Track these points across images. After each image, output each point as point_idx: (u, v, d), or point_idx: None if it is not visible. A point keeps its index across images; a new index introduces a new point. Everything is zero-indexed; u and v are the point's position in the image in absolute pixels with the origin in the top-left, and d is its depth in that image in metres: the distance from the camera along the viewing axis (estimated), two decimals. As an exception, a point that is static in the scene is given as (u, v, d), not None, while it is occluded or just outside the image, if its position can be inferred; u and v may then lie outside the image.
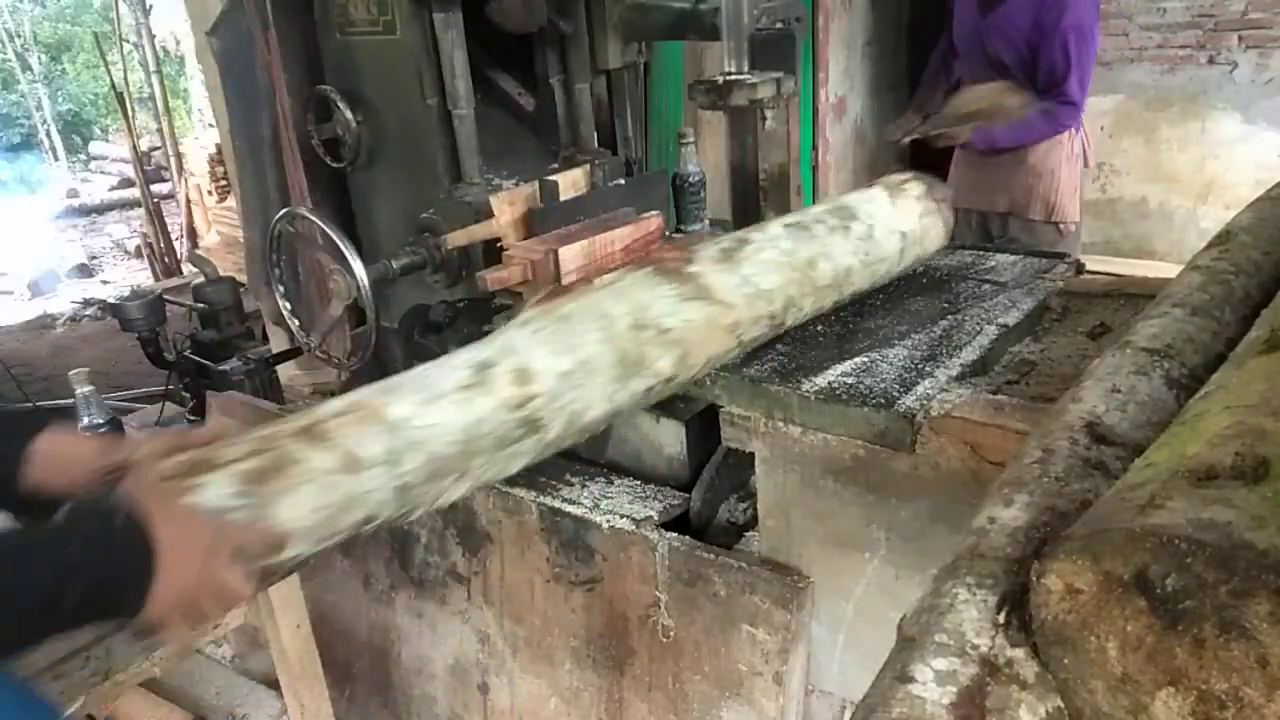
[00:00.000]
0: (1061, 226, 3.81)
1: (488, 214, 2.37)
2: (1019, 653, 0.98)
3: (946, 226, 2.36)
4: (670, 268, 1.88)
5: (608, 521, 2.21)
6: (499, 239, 2.40)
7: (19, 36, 18.57)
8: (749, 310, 1.91)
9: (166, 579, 1.14)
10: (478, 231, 2.36)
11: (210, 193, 9.43)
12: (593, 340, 1.70)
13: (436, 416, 1.50)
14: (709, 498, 2.30)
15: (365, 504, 1.42)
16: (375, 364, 2.64)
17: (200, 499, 1.24)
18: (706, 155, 2.71)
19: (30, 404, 4.32)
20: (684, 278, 1.86)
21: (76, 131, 18.81)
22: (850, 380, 1.95)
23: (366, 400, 1.50)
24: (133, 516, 1.13)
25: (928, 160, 3.93)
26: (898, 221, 2.23)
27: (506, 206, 2.41)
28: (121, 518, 1.12)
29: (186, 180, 9.72)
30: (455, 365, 1.60)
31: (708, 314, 1.84)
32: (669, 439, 2.32)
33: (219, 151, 8.84)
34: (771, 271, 1.97)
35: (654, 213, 2.49)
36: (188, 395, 3.09)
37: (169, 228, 9.77)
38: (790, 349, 2.13)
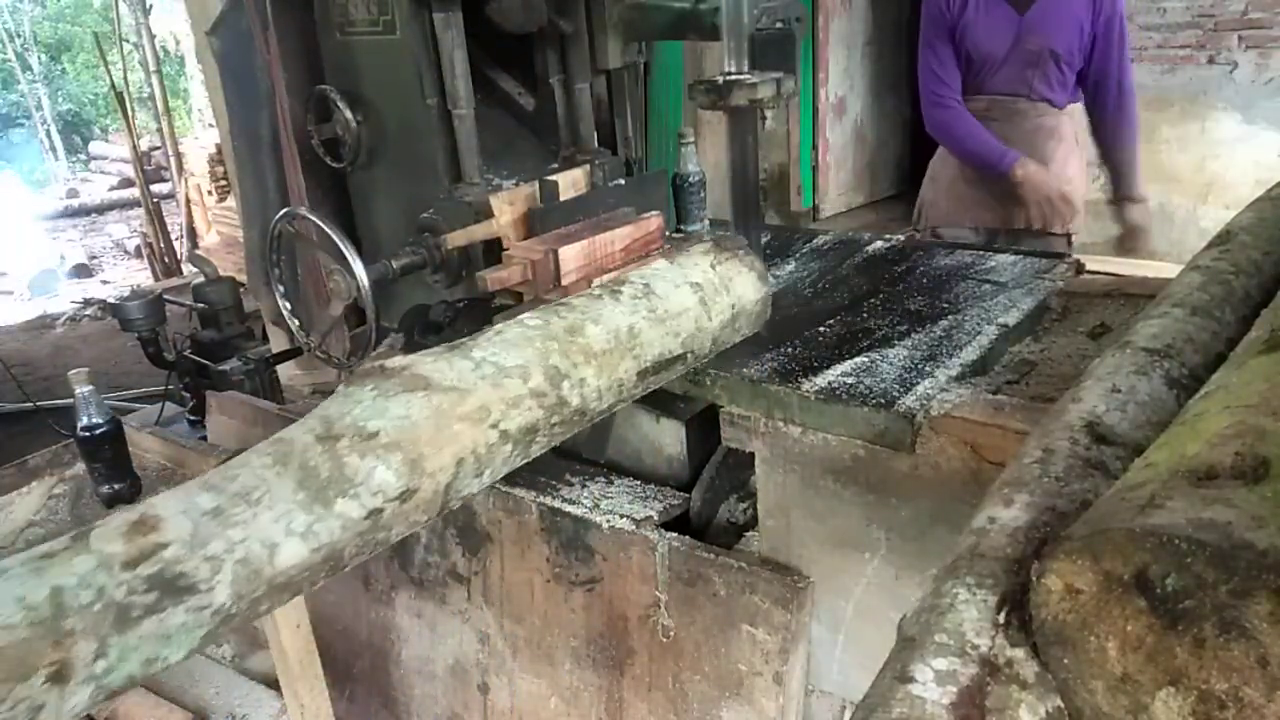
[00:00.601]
0: (1072, 237, 3.79)
1: (487, 214, 2.37)
2: (1019, 653, 0.98)
3: (754, 270, 2.08)
4: (361, 372, 1.54)
5: (608, 521, 2.21)
6: (499, 239, 2.40)
7: (19, 36, 18.62)
8: (496, 392, 1.54)
9: None
10: (477, 232, 2.36)
11: (210, 192, 9.45)
12: (258, 466, 1.33)
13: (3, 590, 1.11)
14: (709, 498, 2.31)
15: None
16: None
17: None
18: (706, 155, 2.71)
19: (31, 404, 4.32)
20: (387, 373, 1.51)
21: (76, 131, 18.86)
22: (850, 380, 1.96)
23: None
24: None
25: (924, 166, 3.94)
26: (683, 275, 1.96)
27: (506, 206, 2.41)
28: None
29: (186, 180, 9.74)
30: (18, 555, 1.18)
31: (433, 405, 1.46)
32: (669, 439, 2.32)
33: (219, 151, 8.86)
34: (515, 347, 1.63)
35: (654, 213, 2.49)
36: (188, 395, 3.10)
37: (169, 227, 9.79)
38: (790, 349, 2.13)
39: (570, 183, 2.56)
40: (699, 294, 1.93)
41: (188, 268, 9.23)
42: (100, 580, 1.13)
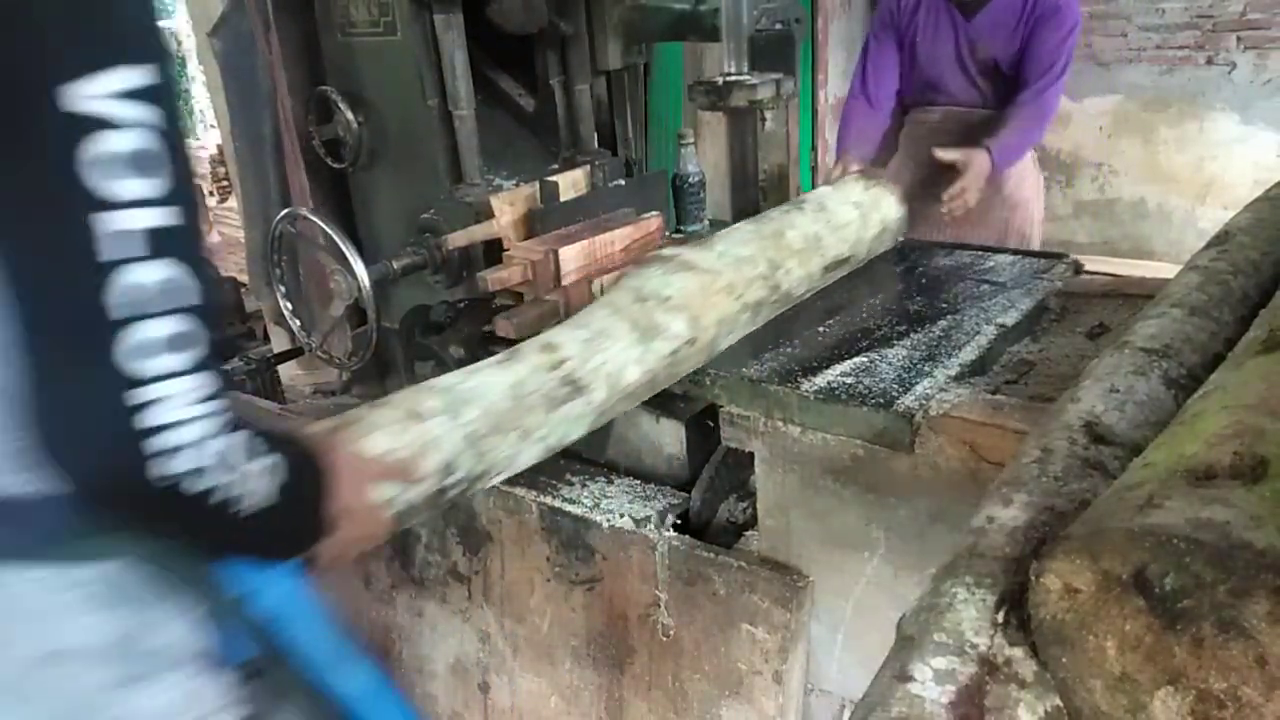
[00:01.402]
0: None
1: (488, 214, 2.38)
2: (1018, 652, 0.98)
3: (894, 194, 2.58)
4: (648, 259, 2.09)
5: (608, 521, 2.21)
6: (500, 239, 2.40)
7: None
8: (737, 273, 2.07)
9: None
10: (478, 232, 2.36)
11: (211, 193, 9.43)
12: (601, 316, 1.89)
13: (479, 379, 1.67)
14: (709, 497, 2.30)
15: (439, 448, 1.53)
16: (376, 364, 2.65)
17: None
18: (706, 156, 2.72)
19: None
20: (664, 259, 2.05)
21: (77, 132, 18.81)
22: (849, 380, 1.96)
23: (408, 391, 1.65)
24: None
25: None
26: (845, 196, 2.47)
27: (507, 207, 2.42)
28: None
29: (188, 180, 9.72)
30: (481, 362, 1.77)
31: (699, 281, 2.00)
32: (669, 438, 2.32)
33: (220, 152, 8.84)
34: (743, 244, 2.15)
35: (654, 213, 2.50)
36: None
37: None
38: (790, 349, 2.14)
39: (570, 183, 2.56)
40: (859, 210, 2.45)
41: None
42: (539, 377, 1.71)
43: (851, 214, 2.43)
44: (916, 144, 3.65)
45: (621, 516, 2.21)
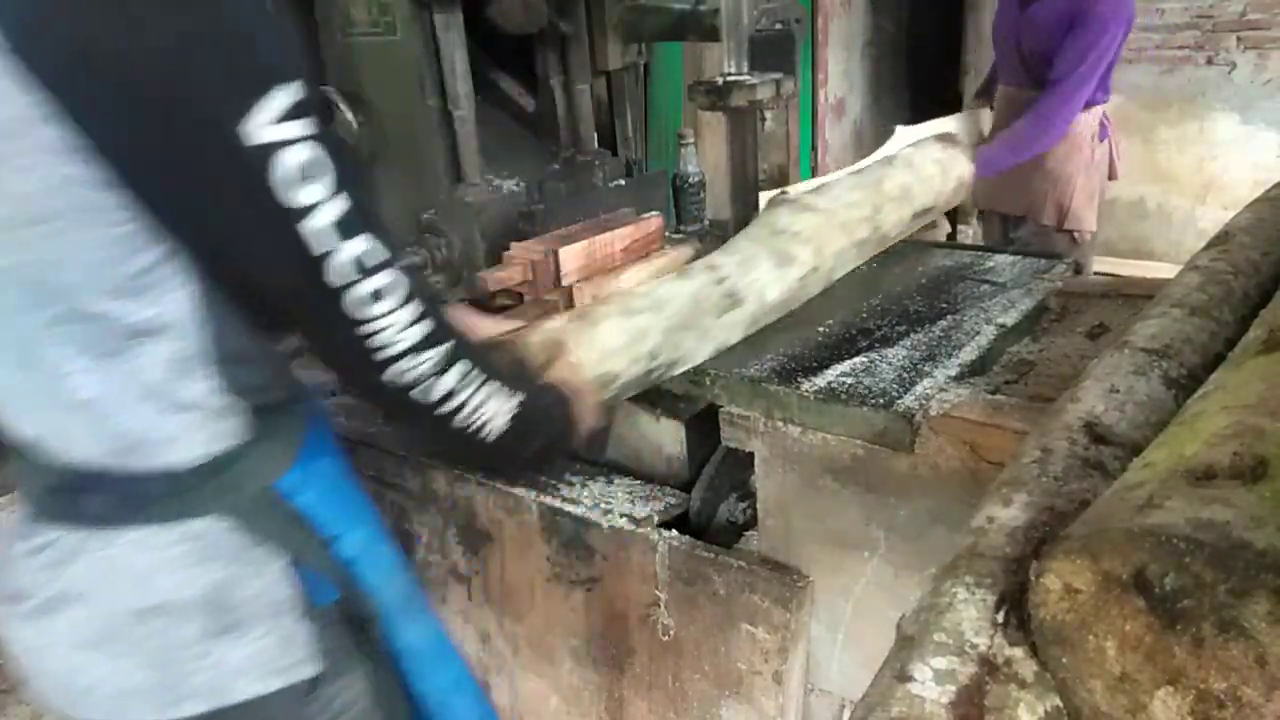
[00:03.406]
0: (1076, 234, 3.77)
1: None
2: (1018, 652, 0.98)
3: (966, 154, 2.85)
4: (775, 201, 2.36)
5: (608, 521, 2.21)
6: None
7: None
8: (848, 214, 2.36)
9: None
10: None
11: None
12: (746, 245, 2.21)
13: (668, 288, 2.04)
14: (709, 497, 2.30)
15: (648, 337, 1.93)
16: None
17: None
18: (706, 156, 2.72)
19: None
20: (790, 201, 2.33)
21: (77, 133, 18.80)
22: (850, 380, 1.96)
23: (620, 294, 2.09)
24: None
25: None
26: (927, 155, 2.73)
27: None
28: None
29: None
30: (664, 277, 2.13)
31: (820, 219, 2.29)
32: (669, 439, 2.32)
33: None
34: (850, 190, 2.45)
35: (654, 213, 2.50)
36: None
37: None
38: (790, 349, 2.14)
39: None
40: (940, 166, 2.72)
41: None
42: (709, 289, 2.06)
43: (934, 170, 2.70)
44: (1000, 115, 3.91)
45: (621, 517, 2.21)
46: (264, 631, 1.31)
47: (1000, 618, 1.01)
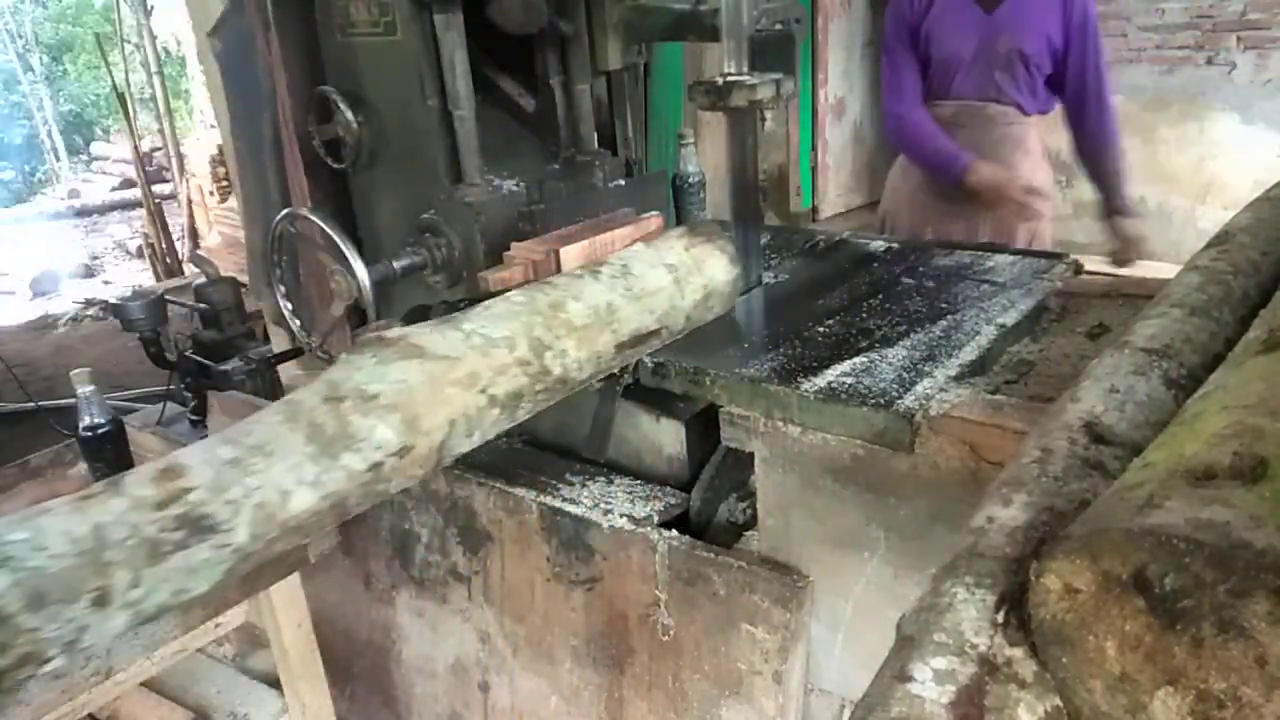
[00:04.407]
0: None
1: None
2: (1017, 652, 0.98)
3: (725, 254, 2.23)
4: (362, 341, 1.71)
5: (608, 521, 2.21)
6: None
7: (21, 37, 18.58)
8: (484, 360, 1.69)
9: None
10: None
11: (212, 193, 9.46)
12: (269, 424, 1.50)
13: (37, 524, 1.27)
14: (709, 497, 2.31)
15: None
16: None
17: None
18: (706, 156, 2.72)
19: (33, 404, 4.32)
20: (385, 342, 1.67)
21: (78, 132, 18.84)
22: (850, 380, 1.96)
23: None
24: None
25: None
26: (658, 257, 2.12)
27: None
28: None
29: (188, 181, 9.75)
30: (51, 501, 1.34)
31: (426, 371, 1.62)
32: (669, 439, 2.32)
33: (220, 152, 8.86)
34: (502, 321, 1.78)
35: (654, 213, 2.50)
36: (189, 395, 3.09)
37: (170, 228, 9.78)
38: (790, 349, 2.13)
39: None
40: (673, 274, 2.09)
41: (189, 268, 9.22)
42: (134, 518, 1.30)
43: (662, 279, 2.08)
44: None
45: (621, 517, 2.21)
46: None
47: (1000, 618, 1.01)
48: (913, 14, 3.51)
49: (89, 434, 2.48)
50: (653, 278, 2.05)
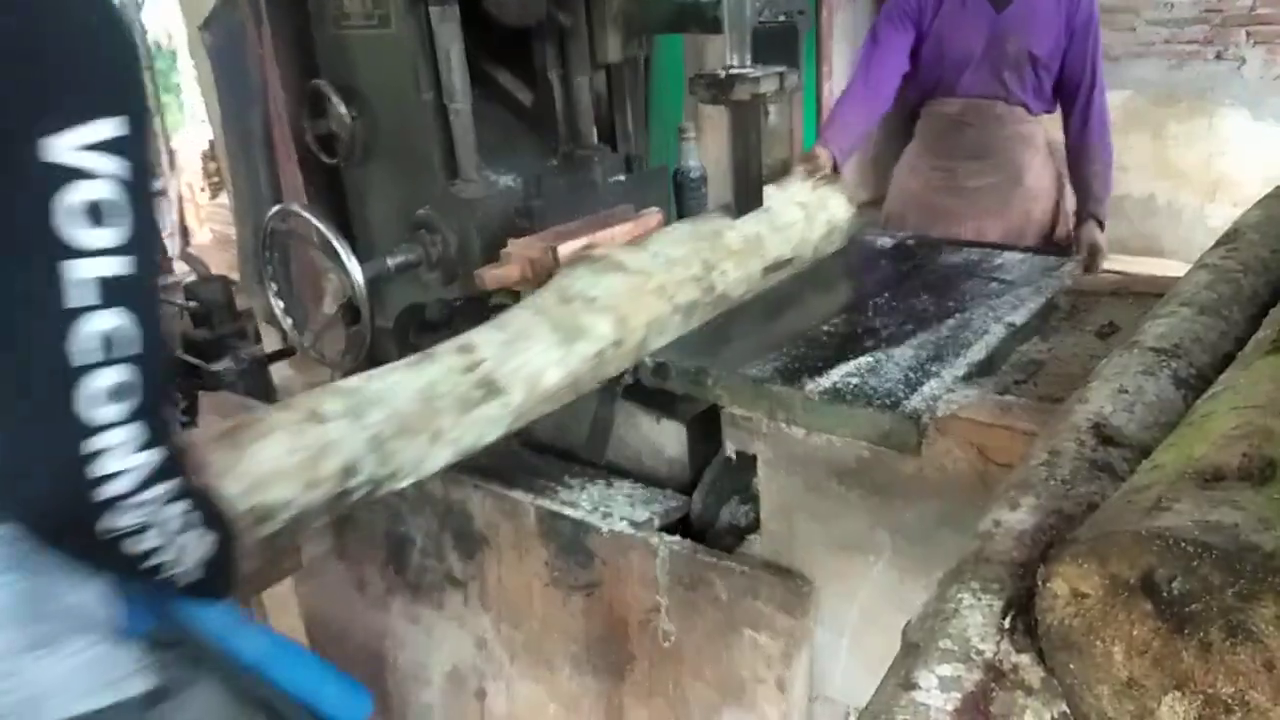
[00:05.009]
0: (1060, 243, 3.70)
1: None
2: (1024, 658, 0.99)
3: (844, 193, 2.62)
4: (577, 259, 2.12)
5: (607, 525, 2.19)
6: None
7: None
8: (669, 274, 2.12)
9: None
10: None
11: (202, 189, 9.45)
12: (523, 316, 1.94)
13: (390, 380, 1.73)
14: (710, 500, 2.29)
15: (339, 451, 1.58)
16: (370, 364, 2.62)
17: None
18: (708, 150, 2.70)
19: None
20: (593, 259, 2.10)
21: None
22: (855, 380, 1.93)
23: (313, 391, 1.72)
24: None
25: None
26: (790, 196, 2.50)
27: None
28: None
29: (178, 177, 9.74)
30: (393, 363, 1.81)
31: (629, 282, 2.05)
32: (670, 440, 2.31)
33: (211, 148, 8.86)
34: (678, 244, 2.21)
35: (654, 209, 2.48)
36: (180, 395, 3.08)
37: (161, 225, 9.79)
38: (793, 349, 2.11)
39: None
40: (804, 210, 2.50)
41: (180, 266, 9.23)
42: (452, 379, 1.77)
43: (796, 214, 2.46)
44: (935, 135, 3.68)
45: (621, 520, 2.19)
46: (81, 648, 1.24)
47: (1007, 623, 1.01)
48: (920, 7, 3.50)
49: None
50: (788, 213, 2.45)
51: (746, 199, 2.33)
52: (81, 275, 0.99)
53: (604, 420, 2.24)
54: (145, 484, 1.07)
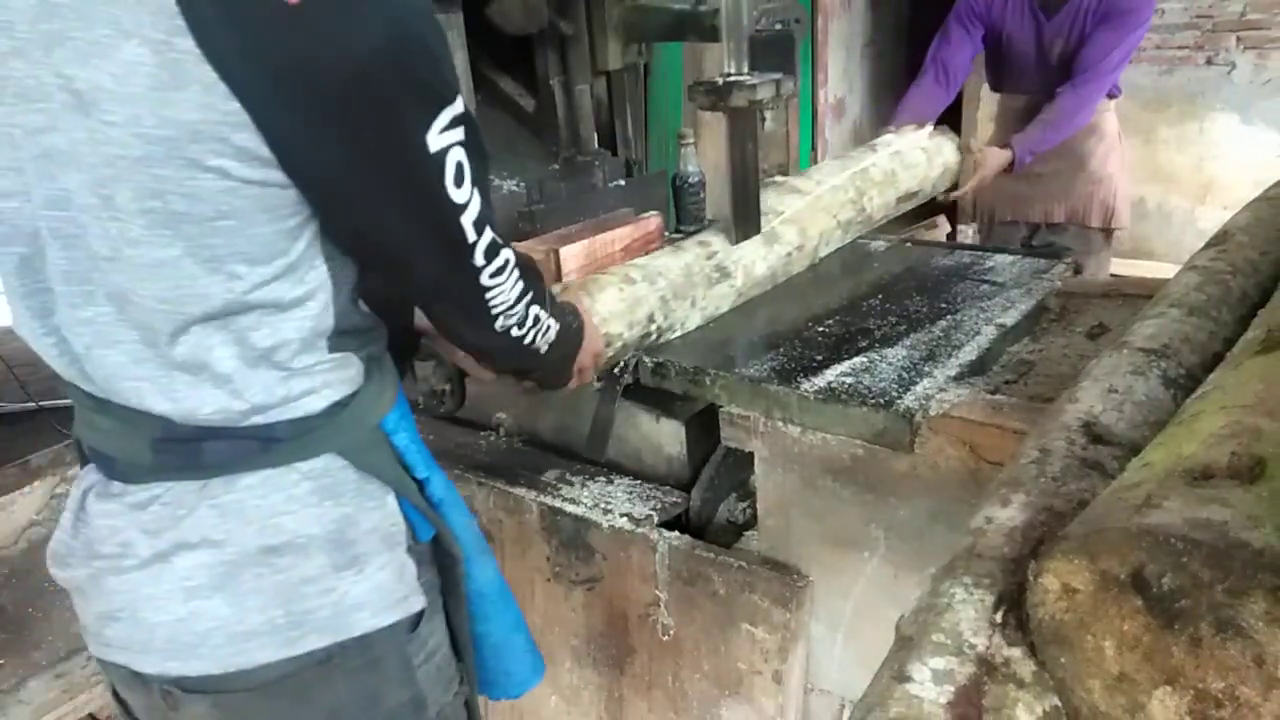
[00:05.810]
0: (1116, 232, 3.82)
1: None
2: (1016, 652, 0.99)
3: (954, 142, 3.19)
4: (764, 184, 2.52)
5: (608, 521, 2.21)
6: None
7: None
8: (833, 197, 2.64)
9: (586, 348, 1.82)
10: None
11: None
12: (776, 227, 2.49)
13: (662, 261, 2.26)
14: (708, 497, 2.30)
15: (645, 303, 2.13)
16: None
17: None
18: (706, 156, 2.71)
19: (34, 404, 4.33)
20: (778, 184, 2.62)
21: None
22: (849, 380, 1.96)
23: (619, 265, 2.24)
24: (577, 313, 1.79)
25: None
26: (912, 142, 3.03)
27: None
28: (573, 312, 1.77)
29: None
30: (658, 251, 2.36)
31: (804, 201, 2.56)
32: (669, 438, 2.32)
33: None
34: (835, 174, 2.72)
35: (653, 213, 2.49)
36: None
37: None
38: (790, 349, 2.13)
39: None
40: (926, 154, 3.04)
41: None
42: (700, 263, 2.31)
43: (919, 156, 3.00)
44: (1005, 126, 3.85)
45: (621, 516, 2.21)
46: (382, 564, 1.38)
47: (999, 618, 1.01)
48: (988, 9, 3.67)
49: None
50: (913, 155, 2.98)
51: (744, 204, 2.36)
52: (469, 219, 1.26)
53: (604, 419, 2.25)
54: (518, 299, 1.44)
